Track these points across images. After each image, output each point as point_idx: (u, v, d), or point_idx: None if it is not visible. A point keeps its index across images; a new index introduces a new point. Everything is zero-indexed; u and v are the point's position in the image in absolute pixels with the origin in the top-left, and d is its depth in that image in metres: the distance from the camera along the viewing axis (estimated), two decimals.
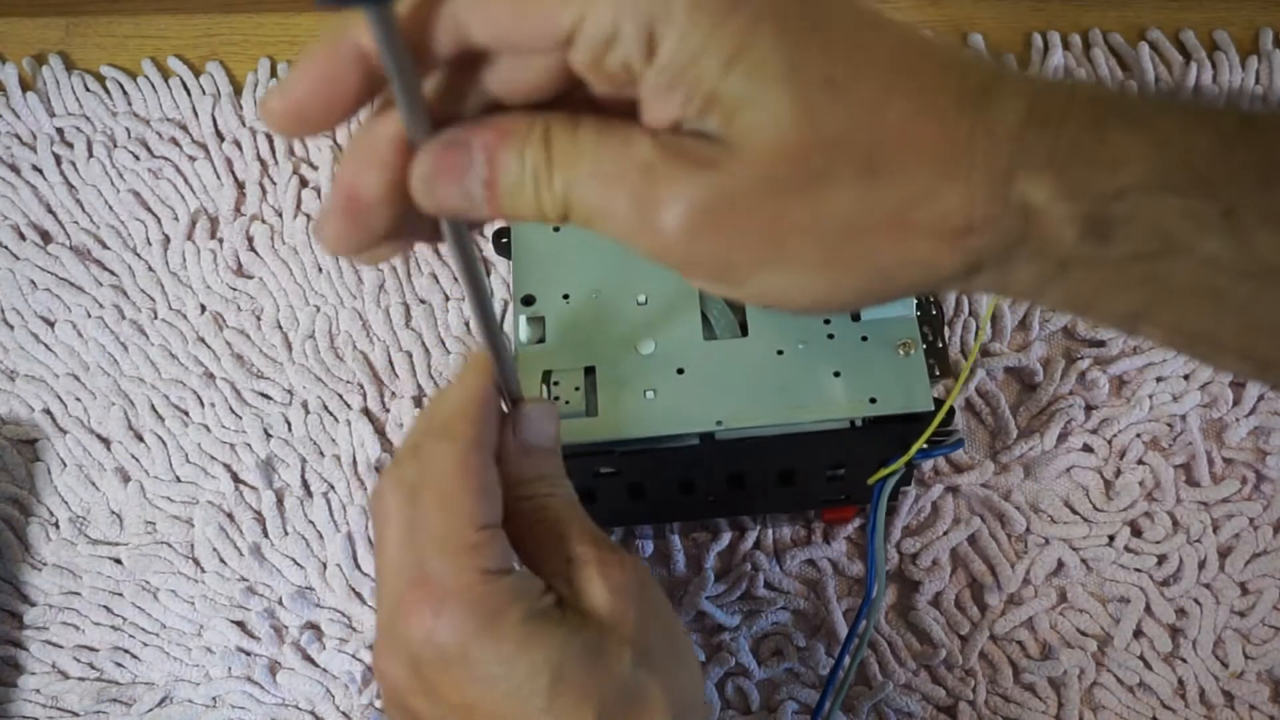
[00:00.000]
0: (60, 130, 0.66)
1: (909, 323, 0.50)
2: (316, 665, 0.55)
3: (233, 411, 0.60)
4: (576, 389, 0.48)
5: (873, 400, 0.48)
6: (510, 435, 0.41)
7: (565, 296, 0.51)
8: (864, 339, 0.49)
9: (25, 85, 0.67)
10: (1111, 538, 0.57)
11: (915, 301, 0.50)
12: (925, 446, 0.49)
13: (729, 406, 0.48)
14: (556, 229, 0.53)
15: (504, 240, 0.54)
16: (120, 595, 0.57)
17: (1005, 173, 0.30)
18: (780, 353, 0.49)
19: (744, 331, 0.50)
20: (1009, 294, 0.35)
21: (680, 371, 0.49)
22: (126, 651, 0.56)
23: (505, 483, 0.40)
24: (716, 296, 0.32)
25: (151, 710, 0.55)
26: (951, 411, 0.48)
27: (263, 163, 0.65)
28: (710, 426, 0.47)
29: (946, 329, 0.60)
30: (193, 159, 0.65)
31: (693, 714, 0.40)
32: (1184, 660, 0.55)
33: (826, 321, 0.50)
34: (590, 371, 0.49)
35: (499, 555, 0.38)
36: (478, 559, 0.38)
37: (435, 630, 0.37)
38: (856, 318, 0.50)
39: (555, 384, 0.48)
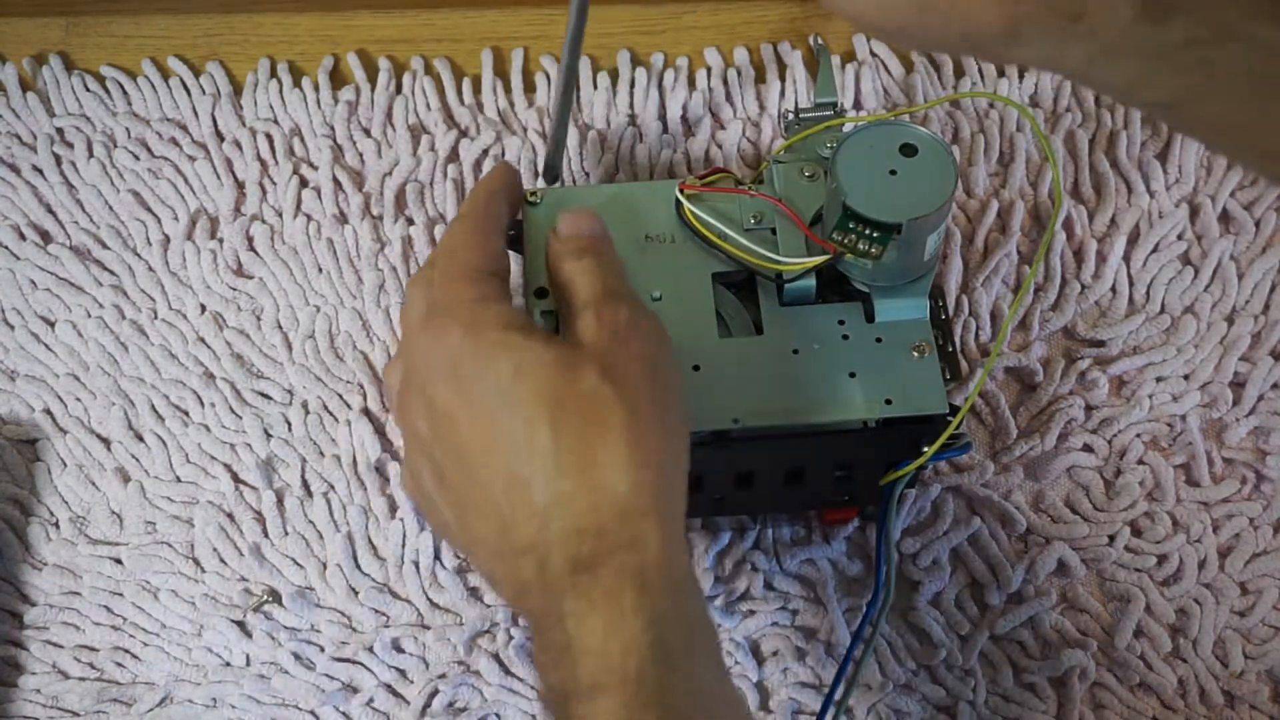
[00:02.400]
0: (60, 130, 0.66)
1: (923, 325, 0.49)
2: (316, 666, 0.55)
3: (233, 411, 0.60)
4: None
5: (888, 402, 0.48)
6: (551, 233, 0.48)
7: None
8: (879, 340, 0.49)
9: (25, 85, 0.67)
10: (1112, 538, 0.57)
11: (928, 305, 0.50)
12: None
13: (746, 405, 0.48)
14: None
15: (512, 233, 0.54)
16: (120, 595, 0.57)
17: None
18: (796, 352, 0.49)
19: (758, 330, 0.50)
20: (1059, 70, 0.37)
21: (696, 368, 0.49)
22: (127, 651, 0.56)
23: (551, 264, 0.47)
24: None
25: (151, 710, 0.55)
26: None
27: (262, 163, 0.65)
28: (727, 424, 0.47)
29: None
30: (192, 159, 0.65)
31: (661, 445, 0.42)
32: (1184, 660, 0.55)
33: (841, 322, 0.50)
34: None
35: (491, 292, 0.45)
36: (471, 289, 0.44)
37: (431, 344, 0.43)
38: (871, 319, 0.50)
39: None
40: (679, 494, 0.42)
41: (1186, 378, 0.59)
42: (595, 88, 0.66)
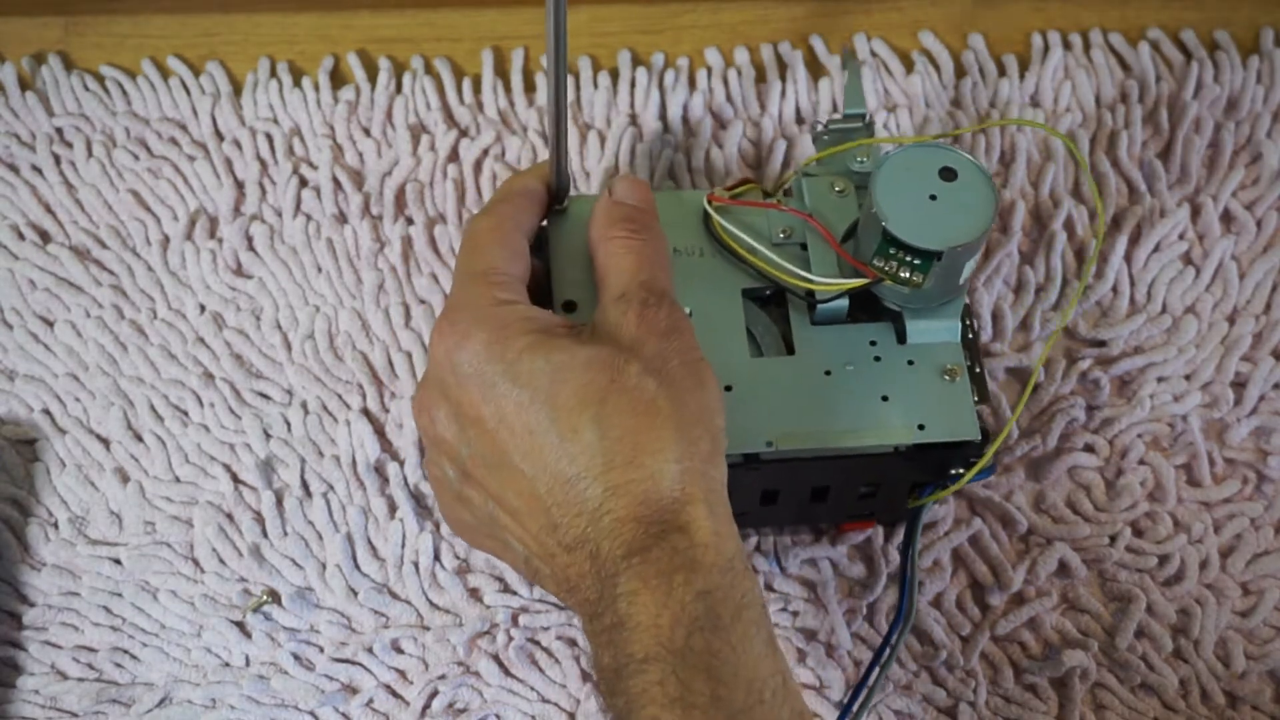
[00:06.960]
0: (59, 130, 0.66)
1: (954, 348, 0.49)
2: (315, 666, 0.55)
3: (232, 412, 0.59)
4: None
5: (921, 427, 0.47)
6: (605, 194, 0.49)
7: None
8: (910, 363, 0.48)
9: (24, 85, 0.67)
10: (1113, 538, 0.56)
11: (960, 327, 0.49)
12: (962, 471, 0.49)
13: (780, 427, 0.47)
14: None
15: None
16: (119, 596, 0.56)
17: None
18: (828, 373, 0.48)
19: (789, 348, 0.49)
20: None
21: (728, 389, 0.47)
22: (126, 652, 0.56)
23: (594, 231, 0.48)
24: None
25: (151, 711, 0.55)
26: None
27: (262, 162, 0.65)
28: (760, 447, 0.47)
29: None
30: (192, 159, 0.65)
31: (704, 430, 0.43)
32: (1186, 661, 0.55)
33: (873, 343, 0.49)
34: None
35: (513, 292, 0.45)
36: (493, 290, 0.44)
37: (453, 348, 0.43)
38: (902, 340, 0.49)
39: None
40: (722, 474, 0.43)
41: (1188, 378, 0.59)
42: (595, 87, 0.66)
